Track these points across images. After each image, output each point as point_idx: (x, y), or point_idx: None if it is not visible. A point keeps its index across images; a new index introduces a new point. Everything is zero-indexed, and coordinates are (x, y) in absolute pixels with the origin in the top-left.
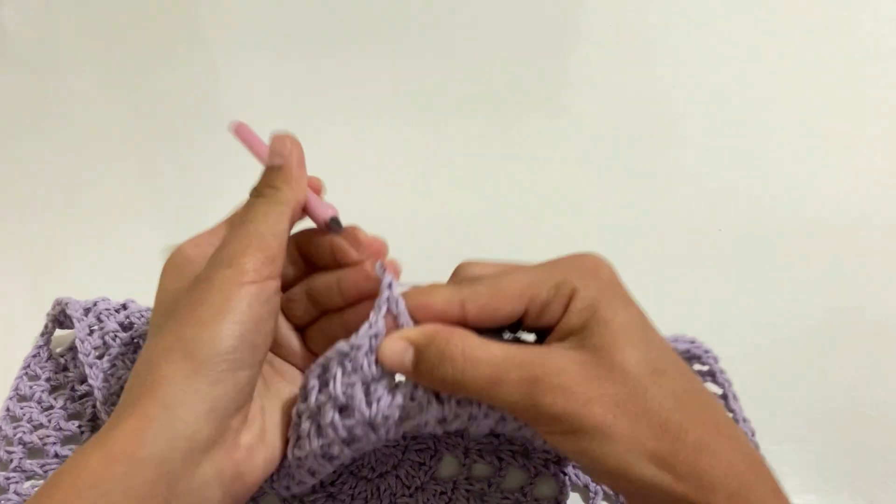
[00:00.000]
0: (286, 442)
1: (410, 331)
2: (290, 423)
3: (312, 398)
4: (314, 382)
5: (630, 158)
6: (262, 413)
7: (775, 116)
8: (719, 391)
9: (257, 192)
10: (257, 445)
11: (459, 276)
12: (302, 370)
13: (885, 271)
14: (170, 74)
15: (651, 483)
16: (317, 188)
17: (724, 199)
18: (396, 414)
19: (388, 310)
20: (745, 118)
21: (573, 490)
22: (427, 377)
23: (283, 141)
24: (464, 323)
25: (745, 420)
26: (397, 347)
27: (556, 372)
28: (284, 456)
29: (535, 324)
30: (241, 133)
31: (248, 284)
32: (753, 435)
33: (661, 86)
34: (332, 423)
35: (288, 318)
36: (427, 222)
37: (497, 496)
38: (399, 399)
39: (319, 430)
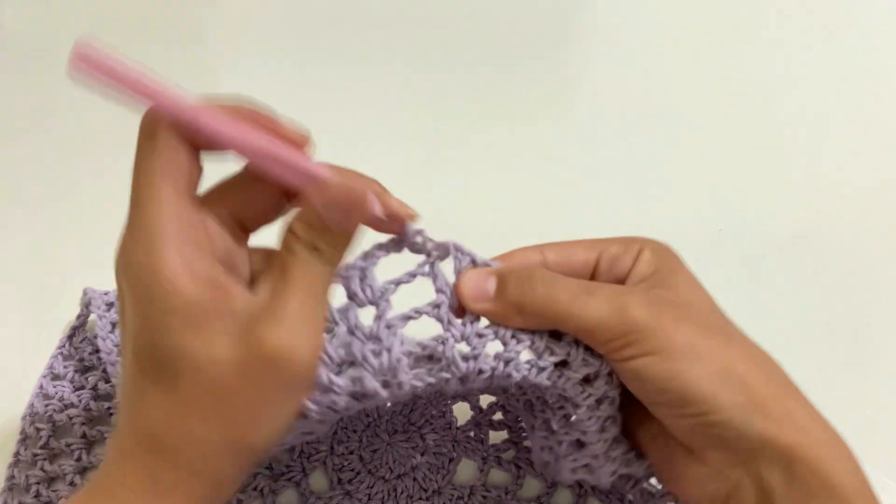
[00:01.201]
0: None
1: (487, 268)
2: None
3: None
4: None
5: (630, 158)
6: None
7: (776, 116)
8: None
9: (312, 245)
10: None
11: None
12: None
13: (885, 272)
14: (170, 74)
15: (739, 416)
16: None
17: (725, 199)
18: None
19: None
20: (745, 118)
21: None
22: (513, 297)
23: (351, 189)
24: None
25: None
26: (478, 276)
27: (641, 292)
28: None
29: (607, 278)
30: (87, 62)
31: (308, 384)
32: None
33: (661, 86)
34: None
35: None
36: (427, 222)
37: None
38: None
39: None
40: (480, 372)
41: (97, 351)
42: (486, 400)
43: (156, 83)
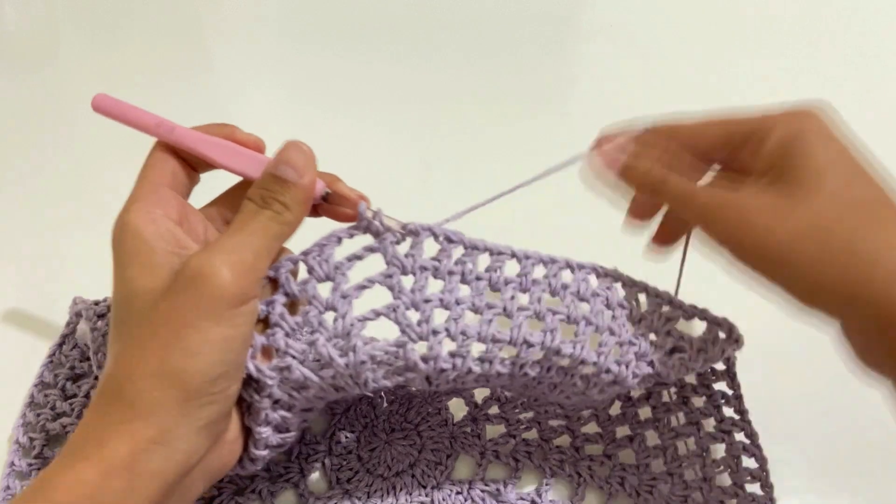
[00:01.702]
0: None
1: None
2: None
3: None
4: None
5: None
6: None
7: None
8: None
9: (264, 202)
10: (238, 435)
11: None
12: None
13: None
14: (170, 74)
15: (839, 260)
16: (259, 147)
17: None
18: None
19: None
20: None
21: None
22: (643, 164)
23: (300, 151)
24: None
25: (754, 434)
26: (618, 143)
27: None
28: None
29: (737, 156)
30: (105, 107)
31: (237, 308)
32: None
33: (661, 85)
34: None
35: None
36: (427, 219)
37: (512, 497)
38: None
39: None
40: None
41: (87, 359)
42: (480, 394)
43: (151, 118)
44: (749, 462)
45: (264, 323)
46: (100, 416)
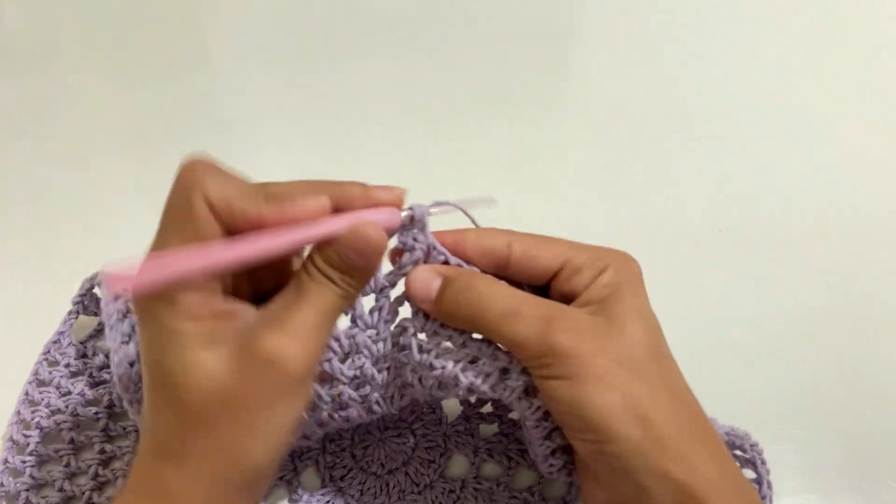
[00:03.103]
0: None
1: (440, 266)
2: None
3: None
4: None
5: (630, 158)
6: None
7: (775, 115)
8: (754, 475)
9: (337, 278)
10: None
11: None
12: None
13: (885, 272)
14: (170, 74)
15: (636, 446)
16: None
17: (724, 199)
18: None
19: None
20: (745, 118)
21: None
22: (449, 305)
23: (370, 236)
24: (504, 266)
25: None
26: (426, 275)
27: (573, 318)
28: None
29: (563, 287)
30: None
31: (303, 393)
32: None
33: (661, 86)
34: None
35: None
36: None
37: (505, 495)
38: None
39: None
40: (432, 367)
41: (83, 356)
42: None
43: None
44: None
45: None
46: (155, 478)
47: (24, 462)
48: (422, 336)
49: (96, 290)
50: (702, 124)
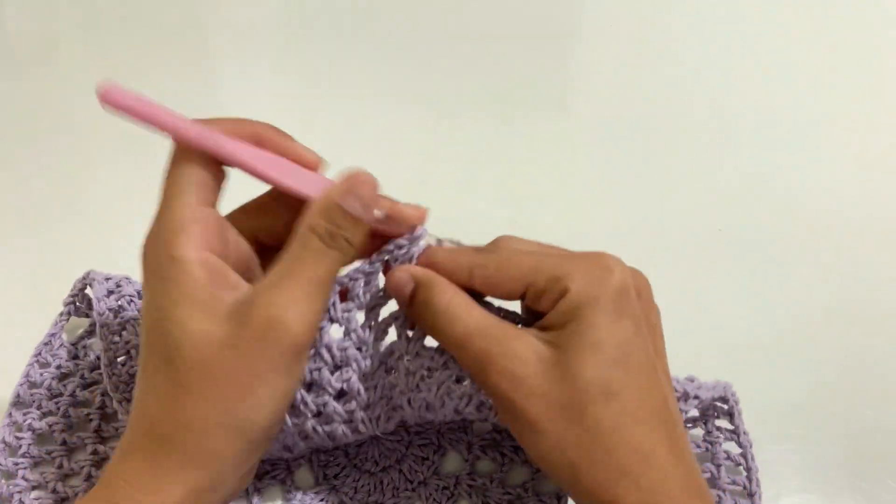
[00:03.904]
0: None
1: (419, 268)
2: None
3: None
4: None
5: (630, 158)
6: None
7: (776, 115)
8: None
9: (331, 239)
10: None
11: (494, 245)
12: None
13: (885, 272)
14: (170, 73)
15: (566, 488)
16: (313, 165)
17: (724, 199)
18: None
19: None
20: (745, 117)
21: None
22: (415, 313)
23: (369, 183)
24: (471, 287)
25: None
26: (404, 276)
27: (513, 357)
28: None
29: (532, 307)
30: (114, 100)
31: (302, 357)
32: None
33: (661, 86)
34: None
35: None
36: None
37: (499, 491)
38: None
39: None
40: (419, 388)
41: (75, 357)
42: None
43: (176, 118)
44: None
45: None
46: (149, 464)
47: (16, 464)
48: (408, 359)
49: (88, 291)
50: (702, 124)
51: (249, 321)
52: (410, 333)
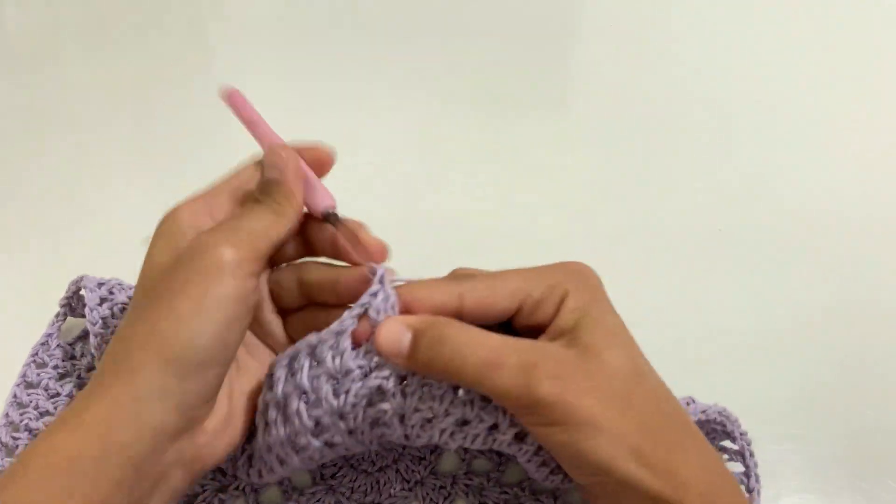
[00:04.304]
0: (251, 425)
1: (409, 317)
2: (256, 407)
3: (279, 388)
4: (281, 373)
5: (630, 158)
6: (229, 398)
7: (776, 115)
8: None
9: (255, 200)
10: (221, 430)
11: (456, 275)
12: (276, 353)
13: (885, 272)
14: (171, 74)
15: (631, 478)
16: (326, 161)
17: (724, 199)
18: (363, 402)
19: (368, 311)
20: (745, 117)
21: None
22: (423, 359)
23: (278, 153)
24: (460, 317)
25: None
26: (395, 329)
27: (555, 361)
28: (249, 442)
29: (527, 322)
30: (234, 102)
31: (227, 280)
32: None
33: (662, 86)
34: (298, 413)
35: (274, 300)
36: (425, 222)
37: (496, 491)
38: (365, 389)
39: (286, 419)
40: (419, 436)
41: (71, 357)
42: None
43: (269, 135)
44: None
45: None
46: (92, 381)
47: None
48: (400, 400)
49: (83, 292)
50: (702, 124)
51: (185, 248)
52: (402, 387)
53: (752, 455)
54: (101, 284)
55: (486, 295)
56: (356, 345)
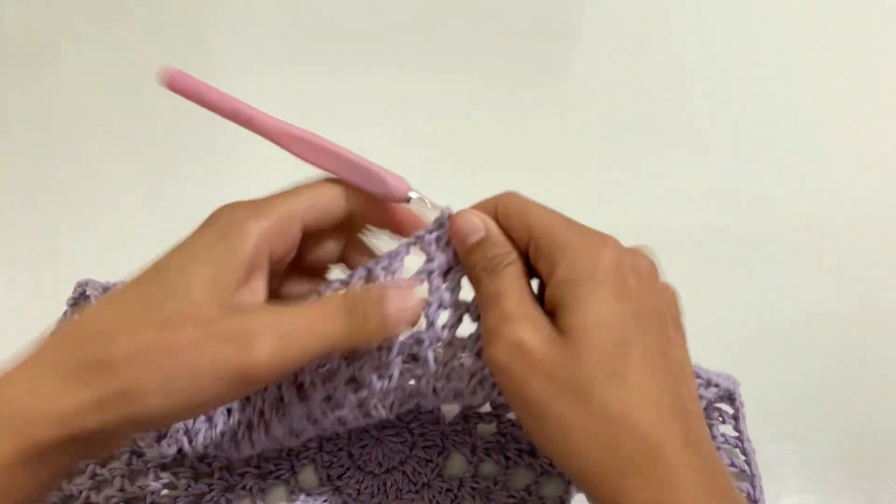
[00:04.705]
0: None
1: (487, 219)
2: None
3: None
4: None
5: (630, 157)
6: None
7: (777, 115)
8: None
9: (491, 270)
10: None
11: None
12: None
13: (885, 272)
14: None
15: (573, 480)
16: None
17: (724, 199)
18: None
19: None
20: (745, 117)
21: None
22: (478, 267)
23: (473, 218)
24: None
25: (748, 440)
26: (476, 222)
27: (535, 349)
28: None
29: (534, 266)
30: (178, 83)
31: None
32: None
33: (662, 85)
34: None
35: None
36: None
37: (503, 494)
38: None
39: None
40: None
41: None
42: None
43: (228, 102)
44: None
45: None
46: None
47: None
48: (438, 347)
49: (88, 293)
50: (703, 124)
51: (227, 323)
52: (443, 322)
53: (756, 466)
54: (106, 289)
55: (514, 213)
56: None
